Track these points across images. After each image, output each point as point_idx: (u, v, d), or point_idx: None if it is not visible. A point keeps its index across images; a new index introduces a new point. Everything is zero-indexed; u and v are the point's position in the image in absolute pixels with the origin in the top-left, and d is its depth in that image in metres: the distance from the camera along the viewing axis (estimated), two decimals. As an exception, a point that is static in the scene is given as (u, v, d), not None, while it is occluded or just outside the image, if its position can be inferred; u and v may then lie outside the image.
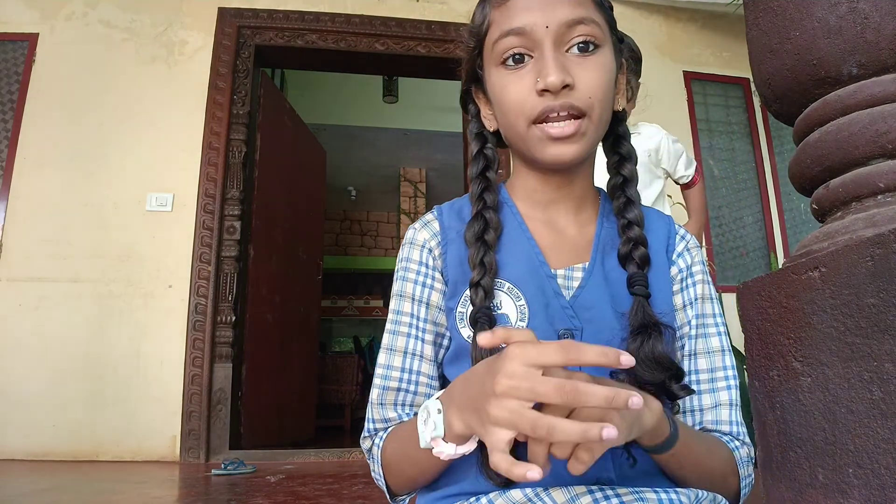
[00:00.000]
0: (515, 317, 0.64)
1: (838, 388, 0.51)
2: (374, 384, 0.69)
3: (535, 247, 0.68)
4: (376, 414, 0.68)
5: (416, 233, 0.72)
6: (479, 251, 0.66)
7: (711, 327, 0.70)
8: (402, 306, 0.69)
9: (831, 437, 0.51)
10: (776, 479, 0.57)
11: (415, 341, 0.68)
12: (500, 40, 0.63)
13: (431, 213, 0.74)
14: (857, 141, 0.57)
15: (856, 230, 0.56)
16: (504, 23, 0.63)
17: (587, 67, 0.62)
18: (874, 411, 0.48)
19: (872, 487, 0.47)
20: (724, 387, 0.68)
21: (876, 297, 0.48)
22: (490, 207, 0.69)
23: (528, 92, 0.62)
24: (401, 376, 0.67)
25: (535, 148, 0.64)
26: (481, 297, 0.63)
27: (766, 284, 0.61)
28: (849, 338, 0.50)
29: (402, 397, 0.67)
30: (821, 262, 0.53)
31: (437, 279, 0.69)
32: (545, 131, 0.62)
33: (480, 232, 0.67)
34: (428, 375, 0.68)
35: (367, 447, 0.70)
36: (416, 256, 0.71)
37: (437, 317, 0.69)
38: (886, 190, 0.57)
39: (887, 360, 0.47)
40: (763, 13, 0.67)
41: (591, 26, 0.62)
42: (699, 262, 0.72)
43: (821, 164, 0.61)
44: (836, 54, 0.59)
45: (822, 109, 0.63)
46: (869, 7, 0.57)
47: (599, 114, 0.63)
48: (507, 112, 0.65)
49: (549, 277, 0.66)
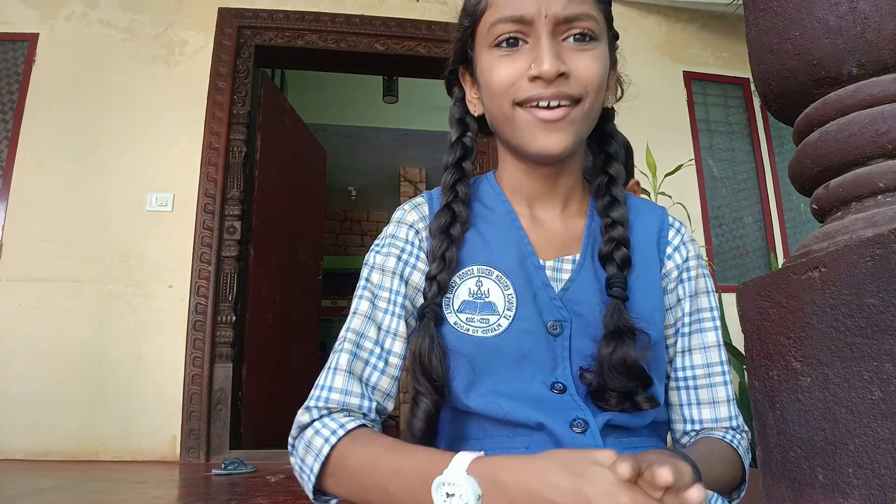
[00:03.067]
0: (503, 305, 0.64)
1: (838, 388, 0.51)
2: (342, 349, 0.64)
3: (524, 236, 0.68)
4: (338, 381, 0.63)
5: (405, 213, 0.71)
6: (441, 244, 0.65)
7: (707, 321, 0.70)
8: (384, 280, 0.67)
9: (831, 436, 0.51)
10: (776, 479, 0.57)
11: (392, 317, 0.66)
12: (496, 24, 0.63)
13: (422, 197, 0.73)
14: (857, 141, 0.58)
15: (856, 230, 0.56)
16: (503, 8, 0.63)
17: (583, 57, 0.61)
18: (874, 411, 0.48)
19: (872, 487, 0.47)
20: (721, 382, 0.68)
21: (876, 297, 0.48)
22: (460, 200, 0.68)
23: (519, 75, 0.62)
24: (372, 349, 0.65)
25: (523, 134, 0.63)
26: (434, 292, 0.63)
27: (766, 284, 0.61)
28: (849, 338, 0.50)
29: (370, 374, 0.64)
30: (821, 262, 0.53)
31: (422, 259, 0.69)
32: (534, 114, 0.61)
33: (446, 225, 0.66)
34: (398, 356, 0.66)
35: (303, 421, 0.61)
36: (403, 235, 0.70)
37: (416, 297, 0.68)
38: (886, 190, 0.57)
39: (887, 360, 0.47)
40: (763, 13, 0.67)
41: (588, 21, 0.62)
42: (695, 256, 0.71)
43: (821, 164, 0.61)
44: (836, 54, 0.59)
45: (821, 109, 0.63)
46: (869, 7, 0.57)
47: (591, 104, 0.63)
48: (494, 93, 0.64)
49: (537, 268, 0.66)
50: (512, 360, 0.63)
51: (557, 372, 0.63)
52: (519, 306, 0.64)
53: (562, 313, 0.64)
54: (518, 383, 0.62)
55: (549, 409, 0.61)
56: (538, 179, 0.69)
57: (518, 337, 0.63)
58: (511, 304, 0.64)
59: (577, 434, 0.60)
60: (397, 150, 6.68)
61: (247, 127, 3.30)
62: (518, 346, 0.63)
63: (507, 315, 0.63)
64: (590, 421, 0.60)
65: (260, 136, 3.46)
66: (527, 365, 0.63)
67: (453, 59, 0.73)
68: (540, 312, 0.64)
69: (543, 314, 0.64)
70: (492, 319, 0.64)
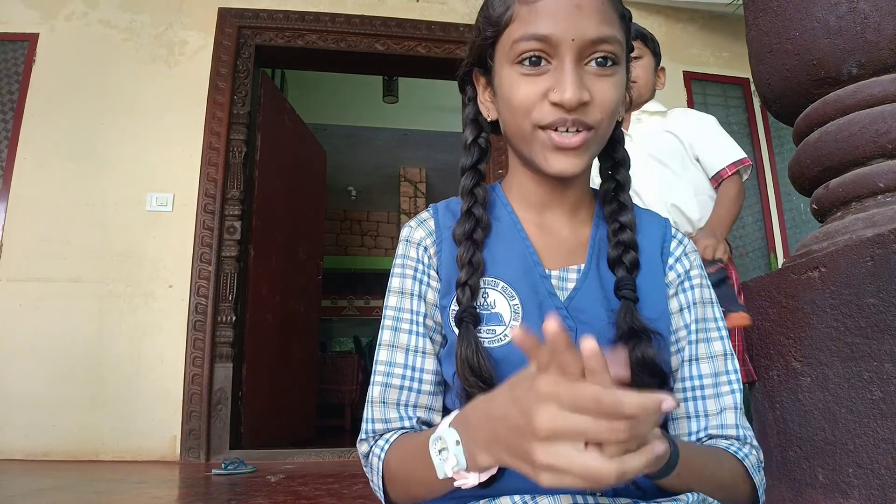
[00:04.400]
0: (509, 316, 0.64)
1: (838, 388, 0.51)
2: (374, 382, 0.67)
3: (529, 246, 0.68)
4: (377, 413, 0.66)
5: (411, 231, 0.72)
6: (468, 250, 0.65)
7: (713, 331, 0.69)
8: (403, 303, 0.68)
9: (831, 436, 0.51)
10: (776, 479, 0.57)
11: (417, 338, 0.67)
12: (520, 41, 0.62)
13: (427, 212, 0.73)
14: (857, 141, 0.57)
15: (856, 230, 0.56)
16: (529, 25, 0.62)
17: (604, 84, 0.61)
18: (874, 411, 0.48)
19: (872, 487, 0.47)
20: (729, 391, 0.67)
21: (876, 297, 0.48)
22: (480, 203, 0.68)
23: (541, 98, 0.61)
24: (403, 373, 0.66)
25: (538, 154, 0.64)
26: (468, 297, 0.63)
27: (766, 284, 0.61)
28: (849, 338, 0.50)
29: (406, 396, 0.66)
30: (821, 262, 0.53)
31: (433, 277, 0.69)
32: (552, 138, 0.62)
33: (470, 231, 0.67)
34: (431, 372, 0.67)
35: (364, 451, 0.67)
36: (413, 254, 0.70)
37: (434, 314, 0.68)
38: (886, 190, 0.57)
39: (887, 360, 0.47)
40: (763, 13, 0.67)
41: (613, 45, 0.61)
42: (697, 267, 0.71)
43: (821, 164, 0.61)
44: (836, 54, 0.59)
45: (822, 109, 0.63)
46: (869, 7, 0.57)
47: (605, 129, 0.63)
48: (515, 112, 0.64)
49: (543, 278, 0.66)
50: (517, 370, 0.63)
51: None
52: (525, 317, 0.64)
53: (568, 323, 0.64)
54: None
55: None
56: (548, 188, 0.69)
57: None
58: (517, 315, 0.64)
59: None
60: (397, 150, 6.69)
61: (247, 127, 3.30)
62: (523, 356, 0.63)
63: (513, 325, 0.63)
64: None
65: (260, 136, 3.47)
66: None
67: (469, 60, 0.72)
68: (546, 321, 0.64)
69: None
70: (498, 330, 0.64)
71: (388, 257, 7.78)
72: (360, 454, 0.68)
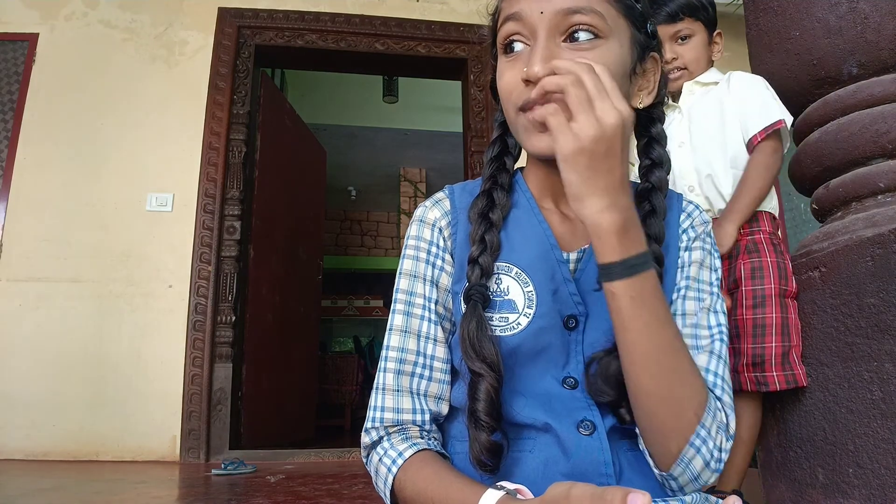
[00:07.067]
0: (523, 303, 0.63)
1: (838, 388, 0.51)
2: (385, 368, 0.65)
3: (547, 230, 0.67)
4: (389, 401, 0.64)
5: (426, 210, 0.70)
6: (480, 227, 0.64)
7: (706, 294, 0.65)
8: (415, 287, 0.67)
9: (831, 437, 0.51)
10: (776, 479, 0.57)
11: (429, 324, 0.66)
12: (501, 26, 0.63)
13: (443, 192, 0.72)
14: (857, 141, 0.58)
15: (856, 230, 0.56)
16: (505, 8, 0.63)
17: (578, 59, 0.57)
18: (874, 411, 0.48)
19: (872, 487, 0.47)
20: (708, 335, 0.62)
21: (876, 297, 0.48)
22: (499, 186, 0.67)
23: (517, 80, 0.61)
24: (416, 360, 0.65)
25: (521, 137, 0.64)
26: (477, 275, 0.62)
27: (766, 284, 0.61)
28: (849, 338, 0.50)
29: (418, 384, 0.65)
30: (821, 262, 0.53)
31: (447, 261, 0.68)
32: (527, 116, 0.60)
33: (485, 209, 0.66)
34: (442, 360, 0.66)
35: (367, 443, 0.64)
36: (427, 235, 0.69)
37: (446, 300, 0.67)
38: (886, 190, 0.57)
39: (887, 360, 0.47)
40: (763, 13, 0.67)
41: (590, 16, 0.58)
42: (705, 234, 0.68)
43: (821, 164, 0.61)
44: (836, 54, 0.59)
45: (822, 109, 0.63)
46: (869, 7, 0.57)
47: None
48: (504, 101, 0.64)
49: (561, 262, 0.65)
50: (527, 357, 0.63)
51: (570, 367, 0.63)
52: (538, 303, 0.63)
53: (579, 308, 0.63)
54: (530, 380, 0.62)
55: (557, 409, 0.61)
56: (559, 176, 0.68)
57: (536, 334, 0.62)
58: (531, 302, 0.63)
59: (584, 436, 0.59)
60: (397, 150, 6.68)
61: (247, 127, 3.30)
62: (535, 343, 0.62)
63: (527, 313, 0.63)
64: (597, 423, 0.60)
65: (260, 136, 3.46)
66: (541, 361, 0.63)
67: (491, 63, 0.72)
68: (559, 307, 0.63)
69: (562, 309, 0.63)
70: (511, 318, 0.63)
71: (388, 257, 7.77)
72: (363, 444, 0.65)
